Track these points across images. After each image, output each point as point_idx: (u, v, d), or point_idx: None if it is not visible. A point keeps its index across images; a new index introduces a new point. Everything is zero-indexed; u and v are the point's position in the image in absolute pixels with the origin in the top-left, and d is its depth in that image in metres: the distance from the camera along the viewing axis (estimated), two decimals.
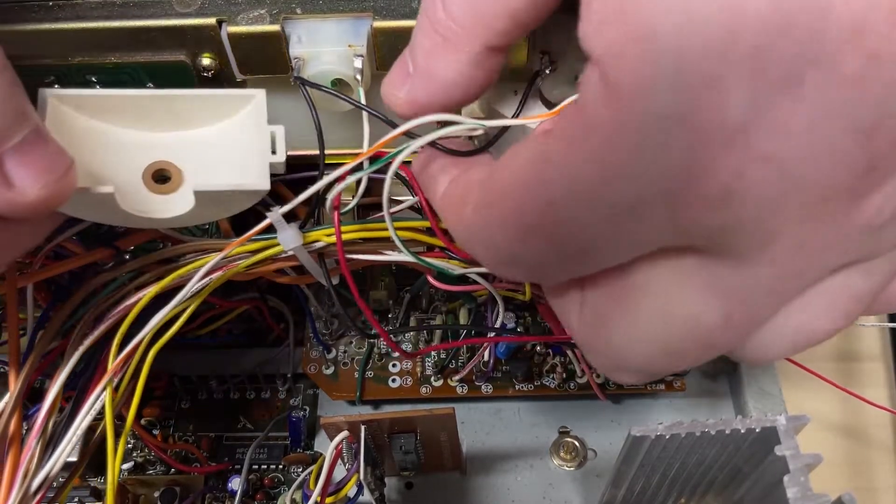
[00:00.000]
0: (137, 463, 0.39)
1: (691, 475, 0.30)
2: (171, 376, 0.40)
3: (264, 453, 0.39)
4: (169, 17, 0.29)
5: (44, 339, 0.29)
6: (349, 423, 0.30)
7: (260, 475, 0.38)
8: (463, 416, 0.39)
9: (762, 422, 0.26)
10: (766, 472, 0.27)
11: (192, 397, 0.41)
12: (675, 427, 0.27)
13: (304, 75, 0.29)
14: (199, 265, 0.30)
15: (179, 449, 0.39)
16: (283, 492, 0.37)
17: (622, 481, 0.31)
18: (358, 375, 0.39)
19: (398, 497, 0.37)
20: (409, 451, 0.33)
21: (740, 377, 0.39)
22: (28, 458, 0.27)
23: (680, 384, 0.39)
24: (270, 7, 0.29)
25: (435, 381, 0.39)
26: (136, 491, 0.38)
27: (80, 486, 0.38)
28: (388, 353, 0.40)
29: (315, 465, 0.30)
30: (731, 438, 0.27)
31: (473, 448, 0.39)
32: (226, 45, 0.29)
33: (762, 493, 0.28)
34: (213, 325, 0.39)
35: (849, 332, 0.47)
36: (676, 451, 0.28)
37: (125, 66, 0.30)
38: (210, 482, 0.38)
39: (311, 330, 0.39)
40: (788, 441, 0.25)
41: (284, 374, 0.41)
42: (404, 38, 0.29)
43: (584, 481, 0.38)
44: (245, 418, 0.40)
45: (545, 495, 0.37)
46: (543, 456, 0.38)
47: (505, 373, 0.39)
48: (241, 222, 0.34)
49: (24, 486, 0.26)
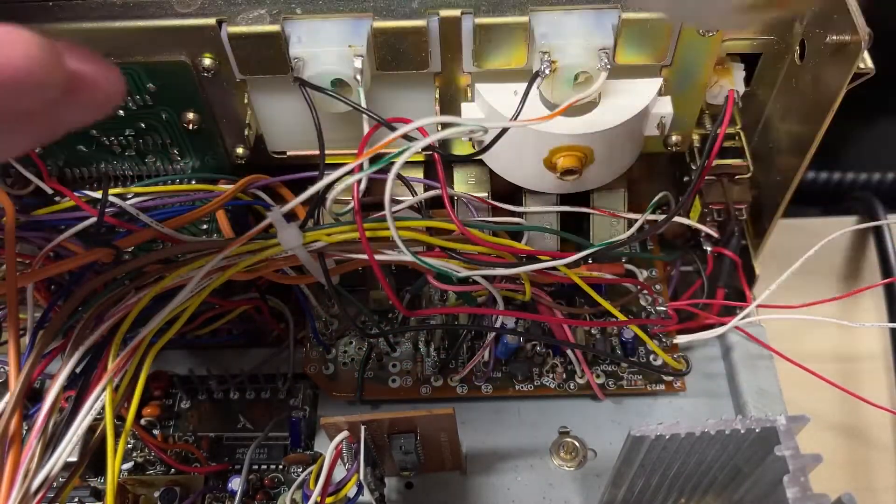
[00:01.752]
0: (137, 463, 0.39)
1: (691, 475, 0.30)
2: (171, 376, 0.40)
3: (264, 453, 0.39)
4: (169, 18, 0.29)
5: (44, 339, 0.29)
6: (349, 423, 0.30)
7: (260, 475, 0.38)
8: (463, 416, 0.39)
9: (762, 422, 0.26)
10: (766, 472, 0.27)
11: (192, 397, 0.41)
12: (675, 427, 0.27)
13: (304, 75, 0.29)
14: (200, 265, 0.30)
15: (179, 449, 0.39)
16: (283, 492, 0.37)
17: (622, 481, 0.31)
18: (358, 375, 0.39)
19: (398, 497, 0.37)
20: (409, 451, 0.33)
21: (740, 377, 0.39)
22: (28, 458, 0.27)
23: (680, 384, 0.39)
24: (270, 7, 0.29)
25: (435, 381, 0.39)
26: (136, 491, 0.38)
27: (80, 486, 0.38)
28: (388, 353, 0.40)
29: (315, 465, 0.30)
30: (731, 438, 0.27)
31: (473, 448, 0.39)
32: (226, 45, 0.29)
33: (762, 493, 0.28)
34: (213, 325, 0.39)
35: (849, 332, 0.47)
36: (676, 451, 0.28)
37: (125, 66, 0.30)
38: (210, 482, 0.38)
39: (311, 330, 0.39)
40: (788, 441, 0.25)
41: (284, 374, 0.41)
42: (404, 38, 0.29)
43: (584, 481, 0.38)
44: (245, 418, 0.40)
45: (545, 495, 0.37)
46: (543, 456, 0.38)
47: (505, 373, 0.39)
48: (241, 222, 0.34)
49: (25, 485, 0.26)
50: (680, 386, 0.39)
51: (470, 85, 0.32)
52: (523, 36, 0.29)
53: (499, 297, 0.34)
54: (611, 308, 0.36)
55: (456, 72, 0.31)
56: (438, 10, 0.29)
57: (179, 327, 0.30)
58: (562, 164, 0.31)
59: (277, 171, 0.34)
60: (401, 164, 0.27)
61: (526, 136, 0.31)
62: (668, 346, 0.39)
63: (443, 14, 0.29)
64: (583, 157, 0.31)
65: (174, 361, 0.42)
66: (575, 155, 0.31)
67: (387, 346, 0.40)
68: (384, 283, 0.31)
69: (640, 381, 0.39)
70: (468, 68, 0.31)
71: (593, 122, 0.30)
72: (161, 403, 0.40)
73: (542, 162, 0.31)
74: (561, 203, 0.36)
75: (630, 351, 0.39)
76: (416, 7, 0.29)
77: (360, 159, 0.29)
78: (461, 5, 0.29)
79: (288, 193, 0.34)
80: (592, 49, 0.29)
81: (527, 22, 0.29)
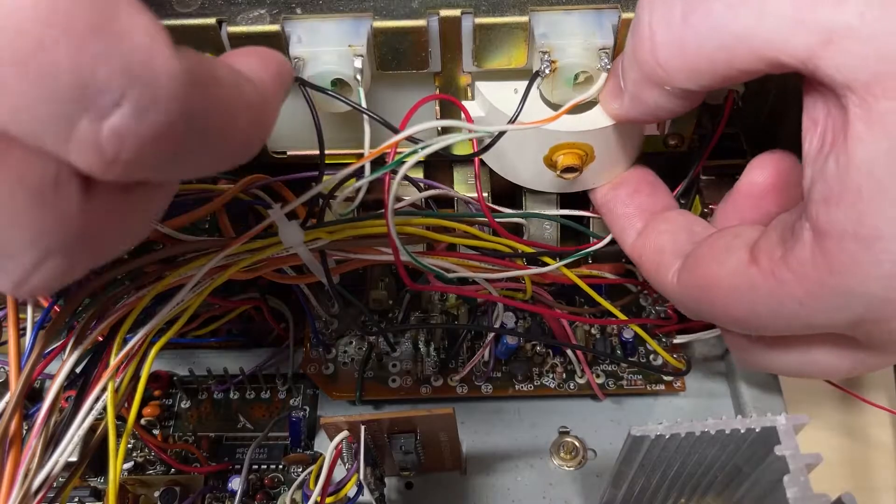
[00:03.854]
0: (137, 463, 0.39)
1: (691, 475, 0.30)
2: (171, 376, 0.40)
3: (264, 453, 0.39)
4: (169, 17, 0.29)
5: (44, 339, 0.29)
6: (349, 423, 0.30)
7: (260, 475, 0.38)
8: (463, 416, 0.39)
9: (762, 422, 0.26)
10: (766, 472, 0.27)
11: (192, 397, 0.41)
12: (675, 427, 0.27)
13: (304, 75, 0.29)
14: (200, 264, 0.30)
15: (179, 449, 0.39)
16: (283, 492, 0.37)
17: (622, 481, 0.31)
18: (358, 375, 0.39)
19: (398, 497, 0.37)
20: (409, 451, 0.33)
21: (740, 377, 0.39)
22: (28, 458, 0.27)
23: (680, 384, 0.39)
24: (270, 7, 0.29)
25: (435, 381, 0.39)
26: (136, 491, 0.38)
27: (80, 486, 0.38)
28: (388, 353, 0.40)
29: (315, 465, 0.30)
30: (731, 438, 0.27)
31: (473, 448, 0.39)
32: (226, 45, 0.29)
33: (762, 493, 0.28)
34: (213, 325, 0.39)
35: None
36: (676, 451, 0.28)
37: None
38: (210, 482, 0.38)
39: (311, 330, 0.39)
40: (788, 441, 0.25)
41: (284, 374, 0.41)
42: (404, 38, 0.29)
43: (584, 481, 0.38)
44: (245, 418, 0.40)
45: (545, 495, 0.37)
46: (543, 456, 0.38)
47: (505, 373, 0.39)
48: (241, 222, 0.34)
49: (25, 486, 0.26)
50: (680, 386, 0.39)
51: (470, 84, 0.32)
52: (523, 36, 0.29)
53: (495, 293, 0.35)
54: (611, 307, 0.36)
55: (456, 72, 0.31)
56: (438, 9, 0.29)
57: (179, 327, 0.30)
58: (562, 162, 0.31)
59: (277, 171, 0.34)
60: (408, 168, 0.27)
61: (526, 135, 0.31)
62: (668, 346, 0.39)
63: (443, 14, 0.29)
64: (583, 155, 0.31)
65: (174, 361, 0.42)
66: (575, 153, 0.31)
67: (387, 345, 0.40)
68: (395, 253, 0.31)
69: (640, 381, 0.39)
70: (468, 68, 0.31)
71: (594, 119, 0.30)
72: (161, 403, 0.40)
73: (542, 160, 0.31)
74: (560, 203, 0.36)
75: (630, 351, 0.39)
76: (416, 7, 0.29)
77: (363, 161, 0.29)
78: (461, 5, 0.29)
79: (288, 193, 0.34)
80: (592, 49, 0.29)
81: (527, 22, 0.29)
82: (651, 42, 0.24)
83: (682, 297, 0.29)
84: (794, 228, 0.23)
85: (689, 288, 0.28)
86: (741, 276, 0.25)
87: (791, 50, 0.21)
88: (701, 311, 0.29)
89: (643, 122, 0.31)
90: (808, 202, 0.22)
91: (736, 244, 0.26)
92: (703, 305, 0.28)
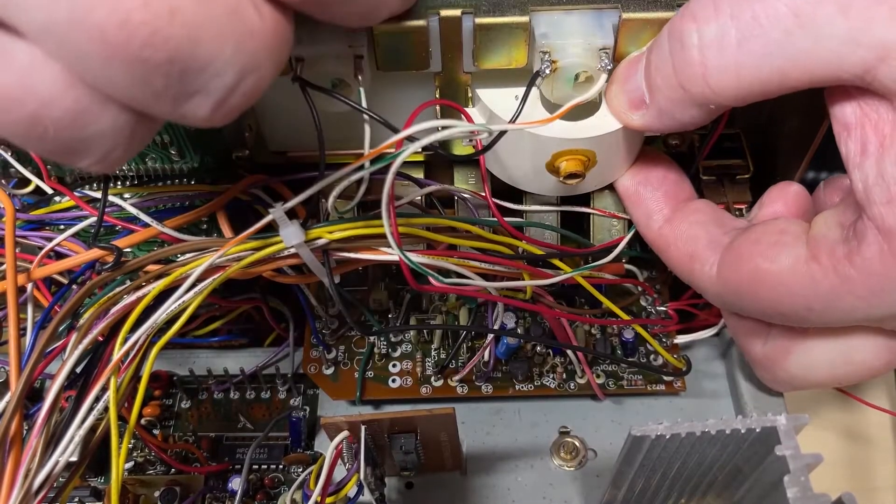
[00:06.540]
0: (137, 463, 0.39)
1: (691, 475, 0.30)
2: (171, 376, 0.40)
3: (264, 453, 0.39)
4: None
5: (44, 339, 0.29)
6: (349, 423, 0.30)
7: (260, 475, 0.38)
8: (463, 416, 0.39)
9: (762, 422, 0.26)
10: (766, 472, 0.27)
11: (193, 397, 0.41)
12: (675, 427, 0.27)
13: (305, 75, 0.29)
14: (200, 264, 0.30)
15: (179, 449, 0.39)
16: (283, 492, 0.37)
17: (622, 481, 0.31)
18: (358, 375, 0.39)
19: (398, 497, 0.37)
20: (409, 451, 0.33)
21: (740, 377, 0.39)
22: (29, 458, 0.27)
23: (680, 384, 0.39)
24: None
25: (435, 381, 0.39)
26: (136, 491, 0.38)
27: (80, 486, 0.38)
28: (388, 353, 0.40)
29: (315, 465, 0.30)
30: (731, 438, 0.27)
31: (473, 448, 0.39)
32: None
33: (762, 493, 0.28)
34: (213, 325, 0.39)
35: None
36: (676, 451, 0.28)
37: None
38: (210, 482, 0.38)
39: (311, 330, 0.39)
40: (788, 441, 0.25)
41: (284, 374, 0.41)
42: (404, 38, 0.29)
43: (584, 481, 0.38)
44: (245, 418, 0.40)
45: (545, 495, 0.37)
46: (543, 456, 0.38)
47: (505, 373, 0.39)
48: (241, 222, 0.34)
49: (26, 486, 0.26)
50: (680, 386, 0.39)
51: (470, 85, 0.32)
52: (524, 36, 0.29)
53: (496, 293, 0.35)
54: (613, 307, 0.36)
55: (456, 72, 0.31)
56: (438, 9, 0.29)
57: (179, 327, 0.30)
58: (565, 168, 0.31)
59: (277, 171, 0.34)
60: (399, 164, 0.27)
61: (528, 141, 0.31)
62: (668, 346, 0.39)
63: (443, 14, 0.29)
64: (586, 161, 0.31)
65: (174, 361, 0.42)
66: (578, 159, 0.31)
67: (387, 346, 0.40)
68: (405, 270, 0.31)
69: (640, 381, 0.39)
70: (468, 68, 0.31)
71: (596, 125, 0.30)
72: (161, 403, 0.40)
73: (544, 166, 0.31)
74: (560, 202, 0.36)
75: (630, 351, 0.39)
76: (416, 7, 0.29)
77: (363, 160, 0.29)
78: (461, 5, 0.29)
79: (288, 193, 0.34)
80: (593, 49, 0.29)
81: (527, 22, 0.29)
82: (703, 67, 0.24)
83: (721, 291, 0.29)
84: (857, 228, 0.24)
85: (732, 283, 0.28)
86: (799, 274, 0.26)
87: (848, 67, 0.22)
88: (742, 305, 0.29)
89: (664, 133, 0.31)
90: (868, 204, 0.23)
91: (785, 240, 0.27)
92: (747, 300, 0.28)
